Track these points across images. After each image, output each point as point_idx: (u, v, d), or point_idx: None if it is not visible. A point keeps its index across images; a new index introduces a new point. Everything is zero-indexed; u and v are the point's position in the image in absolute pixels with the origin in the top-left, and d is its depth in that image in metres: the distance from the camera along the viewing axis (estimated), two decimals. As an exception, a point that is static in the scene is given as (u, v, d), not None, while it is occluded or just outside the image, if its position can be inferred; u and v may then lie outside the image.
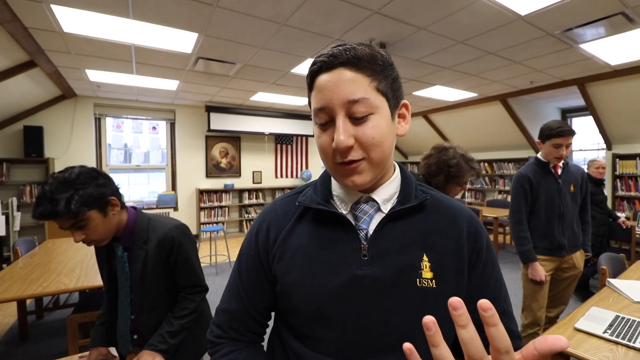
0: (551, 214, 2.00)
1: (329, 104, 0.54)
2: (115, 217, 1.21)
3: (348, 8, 2.57)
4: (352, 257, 0.59)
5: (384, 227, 0.60)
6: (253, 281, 0.67)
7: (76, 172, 1.12)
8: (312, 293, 0.59)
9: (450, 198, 0.67)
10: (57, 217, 1.06)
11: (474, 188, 7.03)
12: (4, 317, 3.14)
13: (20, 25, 2.73)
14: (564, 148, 1.94)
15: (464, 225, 0.62)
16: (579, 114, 6.19)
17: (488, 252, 0.63)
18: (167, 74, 4.20)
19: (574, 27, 2.92)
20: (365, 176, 0.57)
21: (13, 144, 4.80)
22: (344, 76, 0.54)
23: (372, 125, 0.54)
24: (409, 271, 0.57)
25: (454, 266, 0.59)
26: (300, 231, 0.64)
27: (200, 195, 6.15)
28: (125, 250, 1.27)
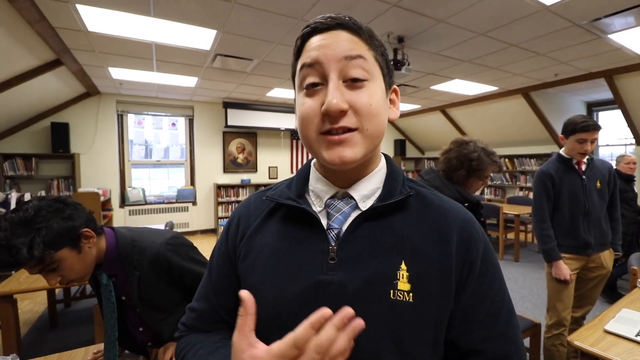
0: (576, 211, 1.92)
1: (321, 58, 0.47)
2: (93, 249, 1.07)
3: (365, 1, 2.54)
4: (319, 260, 0.51)
5: (358, 228, 0.52)
6: (223, 279, 0.61)
7: (34, 207, 0.94)
8: (272, 298, 0.52)
9: (444, 196, 0.58)
10: (19, 265, 0.91)
11: (493, 184, 6.88)
12: (34, 305, 3.31)
13: (48, 25, 2.83)
14: (589, 143, 1.86)
15: (454, 229, 0.52)
16: (606, 107, 5.94)
17: (485, 264, 0.52)
18: (186, 70, 4.28)
19: (602, 17, 2.80)
20: (356, 150, 0.48)
21: (41, 140, 5.01)
22: (343, 36, 0.48)
23: (369, 91, 0.48)
24: (382, 280, 0.48)
25: (437, 279, 0.49)
26: (268, 229, 0.57)
27: (217, 190, 6.26)
28: (111, 277, 1.14)
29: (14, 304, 2.04)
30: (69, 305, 3.24)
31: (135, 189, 5.75)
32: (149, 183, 6.14)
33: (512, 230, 4.83)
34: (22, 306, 3.21)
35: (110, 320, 1.14)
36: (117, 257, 1.12)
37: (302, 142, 0.53)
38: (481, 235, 0.54)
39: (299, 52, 0.52)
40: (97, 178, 5.41)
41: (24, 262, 0.90)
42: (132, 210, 5.65)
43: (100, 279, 1.13)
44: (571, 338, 1.26)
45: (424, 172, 1.57)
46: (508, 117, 6.00)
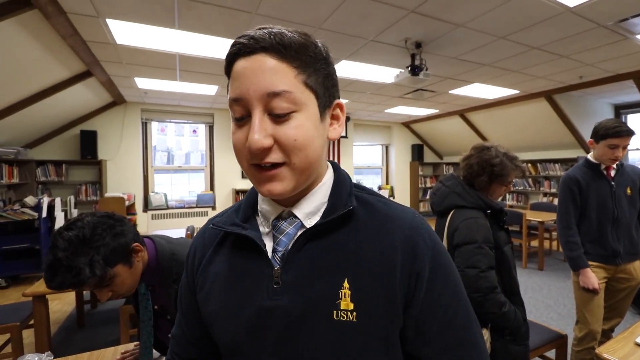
0: (604, 219, 1.85)
1: (244, 94, 0.45)
2: (140, 263, 1.08)
3: (383, 8, 2.56)
4: (264, 286, 0.50)
5: (303, 248, 0.50)
6: (188, 309, 0.61)
7: (89, 225, 0.94)
8: (226, 326, 0.52)
9: (393, 203, 0.55)
10: (83, 285, 0.91)
11: (516, 190, 6.69)
12: (63, 305, 3.45)
13: (80, 38, 2.99)
14: (621, 149, 1.78)
15: (398, 239, 0.49)
16: (636, 110, 5.70)
17: (433, 272, 0.49)
18: (207, 79, 4.41)
19: (630, 17, 2.71)
20: (285, 184, 0.46)
21: (71, 147, 5.26)
22: (265, 64, 0.44)
23: (295, 124, 0.45)
24: (325, 301, 0.47)
25: (382, 294, 0.47)
26: (220, 257, 0.56)
27: (236, 195, 6.37)
28: (149, 286, 1.15)
29: (46, 304, 2.14)
30: (96, 306, 3.36)
31: (158, 194, 5.93)
32: (170, 188, 6.32)
33: (535, 238, 4.68)
34: (52, 306, 3.35)
35: (147, 327, 1.16)
36: (156, 269, 1.13)
37: None
38: (429, 242, 0.50)
39: (228, 73, 0.49)
40: (122, 183, 5.62)
41: (86, 281, 0.90)
42: (155, 214, 5.82)
43: (138, 288, 1.14)
44: (599, 351, 1.22)
45: (444, 179, 1.55)
46: (530, 120, 5.85)
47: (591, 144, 1.90)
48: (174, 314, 1.19)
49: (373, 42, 3.23)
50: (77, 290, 0.96)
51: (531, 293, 3.57)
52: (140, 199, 5.81)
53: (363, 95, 5.40)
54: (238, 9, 2.56)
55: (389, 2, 2.48)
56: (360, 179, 8.28)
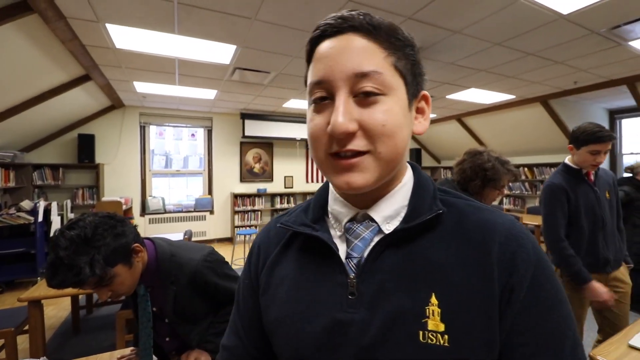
0: (594, 227, 1.78)
1: (329, 75, 0.41)
2: (140, 263, 1.10)
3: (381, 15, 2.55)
4: (337, 296, 0.45)
5: (381, 255, 0.44)
6: (249, 313, 0.56)
7: (91, 225, 0.95)
8: (291, 337, 0.47)
9: (484, 207, 0.48)
10: (83, 284, 0.93)
11: (512, 194, 6.72)
12: (58, 310, 3.42)
13: (79, 43, 3.00)
14: (602, 155, 1.72)
15: (494, 248, 0.42)
16: (629, 114, 5.76)
17: (535, 292, 0.40)
18: (206, 84, 4.42)
19: (622, 24, 2.76)
20: (367, 176, 0.42)
21: (68, 151, 5.24)
22: (354, 43, 0.41)
23: (383, 108, 0.41)
24: (409, 319, 0.40)
25: (479, 314, 0.39)
26: (287, 259, 0.52)
27: (234, 199, 6.36)
28: (148, 288, 1.17)
29: (41, 309, 2.13)
30: (91, 312, 3.34)
31: (156, 198, 5.91)
32: (168, 192, 6.30)
33: (532, 242, 4.70)
34: (47, 311, 3.32)
35: (146, 329, 1.17)
36: (155, 270, 1.15)
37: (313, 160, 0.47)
38: (532, 256, 0.42)
39: (309, 57, 0.46)
40: (120, 187, 5.60)
41: (87, 280, 0.91)
42: (152, 218, 5.80)
43: (137, 289, 1.16)
44: (593, 353, 1.23)
45: (439, 183, 1.56)
46: (527, 125, 5.90)
47: (571, 150, 1.83)
48: (171, 317, 1.19)
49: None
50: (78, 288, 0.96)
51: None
52: (138, 203, 5.79)
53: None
54: (238, 15, 2.58)
55: (387, 9, 2.51)
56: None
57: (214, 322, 1.28)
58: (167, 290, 1.15)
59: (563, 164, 1.88)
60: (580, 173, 1.82)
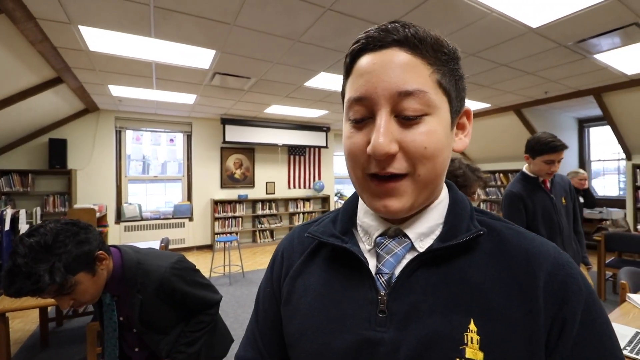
0: (552, 233, 1.84)
1: (370, 93, 0.40)
2: (104, 271, 1.07)
3: (360, 24, 2.63)
4: (366, 313, 0.43)
5: (414, 274, 0.42)
6: (270, 324, 0.54)
7: (52, 232, 0.92)
8: (313, 352, 0.45)
9: (527, 232, 0.45)
10: (42, 292, 0.90)
11: (488, 199, 6.93)
12: (25, 323, 3.25)
13: (50, 45, 2.90)
14: (556, 164, 1.80)
15: (540, 276, 0.39)
16: (597, 123, 6.07)
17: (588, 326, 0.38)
18: (185, 88, 4.36)
19: (588, 38, 2.91)
20: (405, 200, 0.41)
21: (38, 156, 5.02)
22: (398, 59, 0.39)
23: (426, 129, 0.39)
24: (445, 344, 0.38)
25: (522, 345, 0.37)
26: (312, 269, 0.50)
27: (215, 206, 6.26)
28: (114, 297, 1.14)
29: (6, 322, 2.02)
30: (61, 324, 3.19)
31: (132, 205, 5.73)
32: (145, 199, 6.13)
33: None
34: (13, 325, 3.15)
35: (111, 339, 1.15)
36: (121, 278, 1.12)
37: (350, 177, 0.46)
38: (583, 287, 0.39)
39: (348, 72, 0.44)
40: (94, 194, 5.40)
41: (45, 288, 0.89)
42: (128, 226, 5.62)
43: (103, 298, 1.13)
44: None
45: None
46: (501, 133, 6.11)
47: (527, 159, 1.89)
48: (139, 326, 1.16)
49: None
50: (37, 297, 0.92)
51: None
52: (113, 210, 5.60)
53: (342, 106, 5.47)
54: (216, 20, 2.56)
55: (365, 18, 2.55)
56: (341, 189, 8.33)
57: (184, 332, 1.25)
58: (133, 299, 1.12)
59: (521, 172, 1.96)
60: (537, 181, 1.90)
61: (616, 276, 3.68)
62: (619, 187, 5.97)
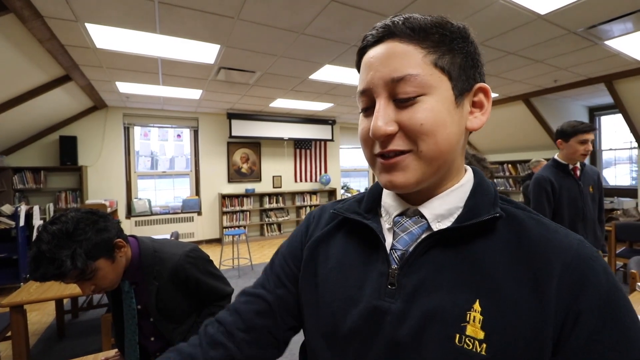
0: (575, 217, 1.97)
1: (370, 84, 0.44)
2: (123, 258, 1.12)
3: (364, 15, 2.61)
4: (377, 283, 0.46)
5: (428, 252, 0.44)
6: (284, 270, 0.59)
7: (73, 220, 0.98)
8: (330, 315, 0.48)
9: (548, 222, 0.45)
10: (64, 277, 0.95)
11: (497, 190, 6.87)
12: (42, 316, 3.35)
13: (58, 43, 2.94)
14: (590, 143, 1.92)
15: (557, 267, 0.39)
16: (608, 111, 5.95)
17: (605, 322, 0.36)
18: (191, 83, 4.38)
19: (598, 24, 2.84)
20: (409, 175, 0.43)
21: (50, 153, 5.12)
22: (393, 50, 0.43)
23: (422, 108, 0.41)
24: (446, 319, 0.40)
25: (525, 332, 0.37)
26: (335, 240, 0.55)
27: (222, 200, 6.32)
28: (133, 284, 1.19)
29: (24, 314, 2.08)
30: (77, 316, 3.28)
31: (142, 200, 5.83)
32: (154, 194, 6.22)
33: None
34: (31, 317, 3.25)
35: (131, 325, 1.20)
36: (139, 266, 1.18)
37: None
38: (604, 281, 0.38)
39: (358, 68, 0.48)
40: (104, 190, 5.50)
41: (67, 273, 0.94)
42: (138, 221, 5.72)
43: (122, 286, 1.18)
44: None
45: None
46: (510, 123, 6.03)
47: (560, 144, 2.01)
48: (155, 314, 1.20)
49: (356, 47, 3.28)
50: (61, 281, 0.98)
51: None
52: (123, 206, 5.70)
53: (348, 99, 5.45)
54: (220, 14, 2.56)
55: (371, 9, 2.53)
56: (348, 182, 8.34)
57: (197, 323, 1.28)
58: (150, 286, 1.17)
59: (552, 159, 2.08)
60: (567, 168, 2.01)
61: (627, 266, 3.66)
62: (630, 176, 5.86)
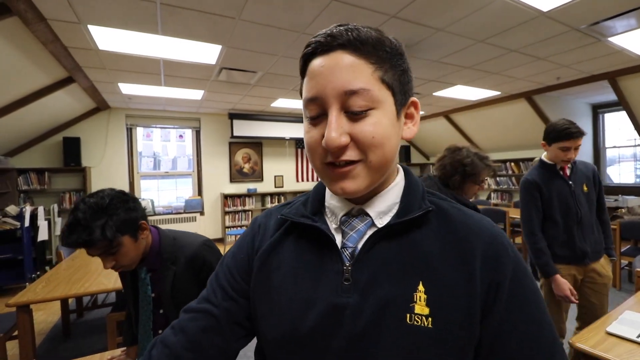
0: (569, 220, 1.81)
1: (321, 93, 0.45)
2: (144, 241, 1.21)
3: (365, 14, 2.61)
4: (334, 282, 0.48)
5: (374, 247, 0.49)
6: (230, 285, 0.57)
7: (108, 196, 1.10)
8: (283, 321, 0.50)
9: (469, 211, 0.53)
10: (93, 245, 1.04)
11: (500, 189, 6.85)
12: (48, 315, 3.38)
13: (61, 45, 2.96)
14: (572, 151, 1.74)
15: (478, 247, 0.47)
16: (612, 109, 5.91)
17: (515, 285, 0.45)
18: (193, 84, 4.39)
19: (602, 21, 2.83)
20: (359, 182, 0.46)
21: (53, 154, 5.15)
22: (343, 61, 0.44)
23: (372, 121, 0.44)
24: (398, 303, 0.45)
25: (461, 303, 0.44)
26: (284, 246, 0.55)
27: (224, 200, 6.34)
28: (149, 272, 1.26)
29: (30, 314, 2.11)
30: (82, 315, 3.31)
31: (145, 200, 5.85)
32: (157, 194, 6.24)
33: (519, 235, 4.80)
34: (36, 317, 3.28)
35: (146, 312, 1.26)
36: (158, 253, 1.25)
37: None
38: (512, 255, 0.47)
39: (303, 74, 0.49)
40: (108, 190, 5.52)
41: (96, 241, 1.04)
42: (142, 221, 5.74)
43: (139, 272, 1.26)
44: (573, 340, 1.27)
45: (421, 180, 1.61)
46: (512, 121, 6.00)
47: (544, 146, 1.87)
48: (168, 303, 1.25)
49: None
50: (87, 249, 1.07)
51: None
52: (127, 206, 5.72)
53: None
54: (221, 15, 2.57)
55: (370, 8, 2.53)
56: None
57: None
58: (167, 272, 1.23)
59: (539, 159, 1.94)
60: (555, 168, 1.86)
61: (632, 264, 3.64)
62: (635, 174, 5.83)
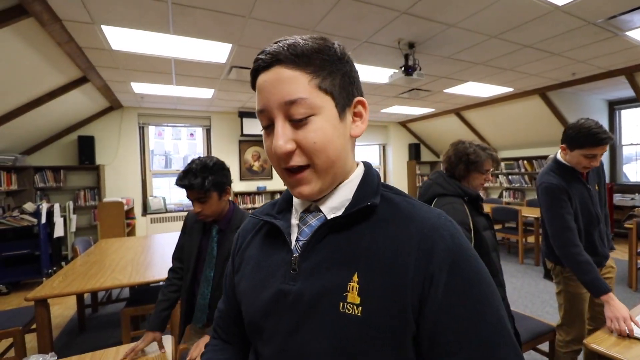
0: (590, 226, 1.67)
1: (267, 105, 0.50)
2: (224, 203, 1.52)
3: (375, 10, 2.59)
4: (282, 270, 0.54)
5: (323, 239, 0.53)
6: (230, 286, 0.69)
7: (214, 161, 1.48)
8: (250, 305, 0.58)
9: (418, 203, 0.54)
10: (194, 188, 1.39)
11: (512, 187, 6.74)
12: (64, 309, 3.47)
13: (76, 45, 3.02)
14: (599, 157, 1.56)
15: (415, 238, 0.48)
16: (629, 105, 5.75)
17: (454, 277, 0.45)
18: (204, 83, 4.43)
19: (619, 14, 2.75)
20: (313, 186, 0.51)
21: (69, 153, 5.27)
22: (282, 75, 0.48)
23: (313, 128, 0.48)
24: (333, 292, 0.48)
25: (390, 293, 0.46)
26: (254, 242, 0.63)
27: (234, 198, 6.39)
28: (219, 232, 1.55)
29: (48, 308, 2.16)
30: (96, 310, 3.38)
31: (157, 198, 5.94)
32: (169, 192, 6.33)
33: (532, 234, 4.72)
34: (53, 311, 3.36)
35: (210, 264, 1.53)
36: (230, 219, 1.57)
37: None
38: (449, 244, 0.47)
39: (253, 88, 0.54)
40: (121, 188, 5.64)
41: (197, 187, 1.39)
42: (154, 218, 5.84)
43: (212, 228, 1.56)
44: (587, 341, 1.25)
45: (430, 174, 1.65)
46: (525, 118, 5.89)
47: (563, 150, 1.66)
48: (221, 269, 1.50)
49: (367, 43, 3.27)
50: (190, 190, 1.42)
51: (527, 288, 3.61)
52: (139, 203, 5.83)
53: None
54: (232, 14, 2.59)
55: (381, 4, 2.51)
56: (358, 179, 8.30)
57: None
58: (231, 235, 1.50)
59: (555, 160, 1.72)
60: (575, 172, 1.67)
61: (649, 264, 3.54)
62: (653, 171, 5.67)
